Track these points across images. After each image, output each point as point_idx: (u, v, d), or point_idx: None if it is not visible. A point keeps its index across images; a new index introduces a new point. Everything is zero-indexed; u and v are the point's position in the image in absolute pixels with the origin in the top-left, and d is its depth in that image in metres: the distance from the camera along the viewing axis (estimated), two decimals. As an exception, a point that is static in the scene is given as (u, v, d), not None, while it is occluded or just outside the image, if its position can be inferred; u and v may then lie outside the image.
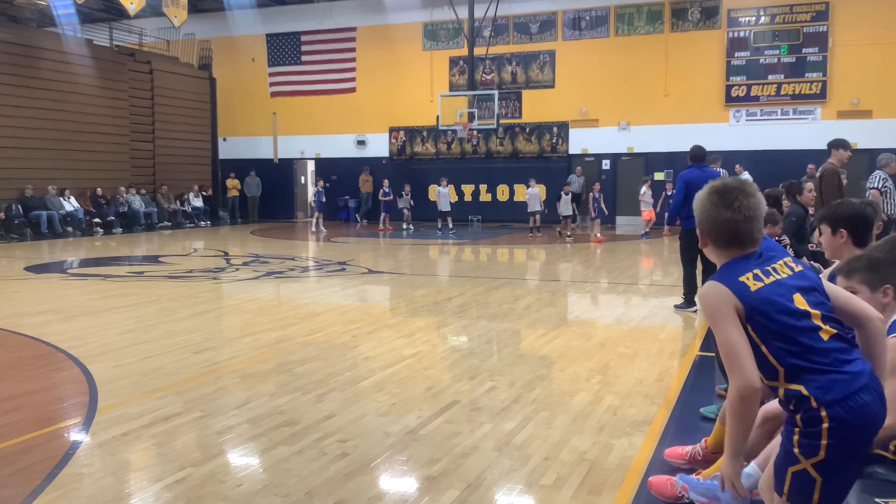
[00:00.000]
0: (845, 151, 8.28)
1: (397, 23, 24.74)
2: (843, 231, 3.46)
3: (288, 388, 5.26)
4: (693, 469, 3.66)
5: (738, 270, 2.35)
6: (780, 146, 20.32)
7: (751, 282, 2.32)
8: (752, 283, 2.31)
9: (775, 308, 2.27)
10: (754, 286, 2.30)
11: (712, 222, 2.44)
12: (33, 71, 19.93)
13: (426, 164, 24.91)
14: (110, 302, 9.21)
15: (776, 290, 2.31)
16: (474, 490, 3.54)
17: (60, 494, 3.51)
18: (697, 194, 2.53)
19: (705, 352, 6.40)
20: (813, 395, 2.20)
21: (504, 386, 5.30)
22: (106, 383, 5.41)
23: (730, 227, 2.39)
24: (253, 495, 3.49)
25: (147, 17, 24.12)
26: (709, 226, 2.46)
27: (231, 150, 27.23)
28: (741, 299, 2.28)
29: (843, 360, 2.26)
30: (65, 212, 19.97)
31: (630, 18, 22.44)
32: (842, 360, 2.25)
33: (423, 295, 9.74)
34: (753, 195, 2.41)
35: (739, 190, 2.40)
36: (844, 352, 2.29)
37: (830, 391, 2.19)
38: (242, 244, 17.96)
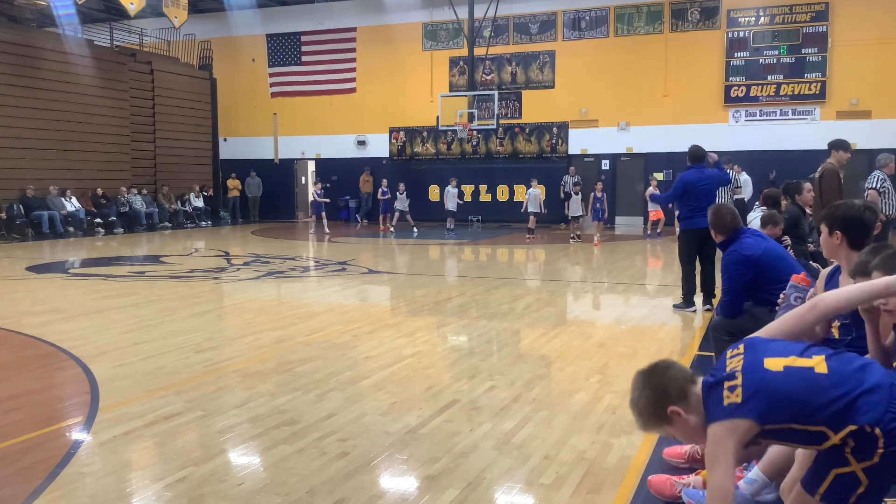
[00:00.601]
0: (845, 153, 8.29)
1: (397, 23, 24.76)
2: (839, 233, 3.47)
3: (288, 388, 5.28)
4: (693, 468, 3.68)
5: (717, 394, 2.33)
6: (779, 146, 20.34)
7: (732, 397, 2.29)
8: (734, 397, 2.29)
9: (770, 395, 2.26)
10: (738, 398, 2.28)
11: (669, 387, 2.46)
12: (34, 71, 19.95)
13: (426, 165, 24.93)
14: (111, 302, 9.23)
15: (754, 382, 2.29)
16: (474, 489, 3.56)
17: (62, 493, 3.53)
18: (643, 404, 2.50)
19: (704, 351, 6.42)
20: (863, 423, 2.20)
21: (504, 385, 5.32)
22: (107, 383, 5.43)
23: (672, 388, 2.43)
24: (254, 494, 3.51)
25: (147, 18, 24.13)
26: (671, 393, 2.46)
27: (232, 151, 27.25)
28: (743, 416, 2.26)
29: (855, 376, 2.26)
30: (66, 212, 19.99)
31: (630, 19, 22.46)
32: (854, 376, 2.26)
33: (424, 295, 9.76)
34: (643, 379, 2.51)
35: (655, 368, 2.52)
36: (846, 362, 2.30)
37: (872, 410, 2.19)
38: (243, 244, 17.98)
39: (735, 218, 5.03)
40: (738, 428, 2.27)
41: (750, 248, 4.76)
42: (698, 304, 8.42)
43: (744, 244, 4.82)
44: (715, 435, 2.30)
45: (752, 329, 4.53)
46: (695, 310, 8.34)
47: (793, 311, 2.64)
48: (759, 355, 2.37)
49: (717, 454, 2.27)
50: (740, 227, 5.02)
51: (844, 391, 2.24)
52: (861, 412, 2.21)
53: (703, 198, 8.36)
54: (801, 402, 2.25)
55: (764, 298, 4.46)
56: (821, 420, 2.24)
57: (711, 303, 8.31)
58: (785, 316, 2.68)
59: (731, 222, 4.99)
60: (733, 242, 4.91)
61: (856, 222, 3.44)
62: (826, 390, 2.25)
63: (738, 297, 4.74)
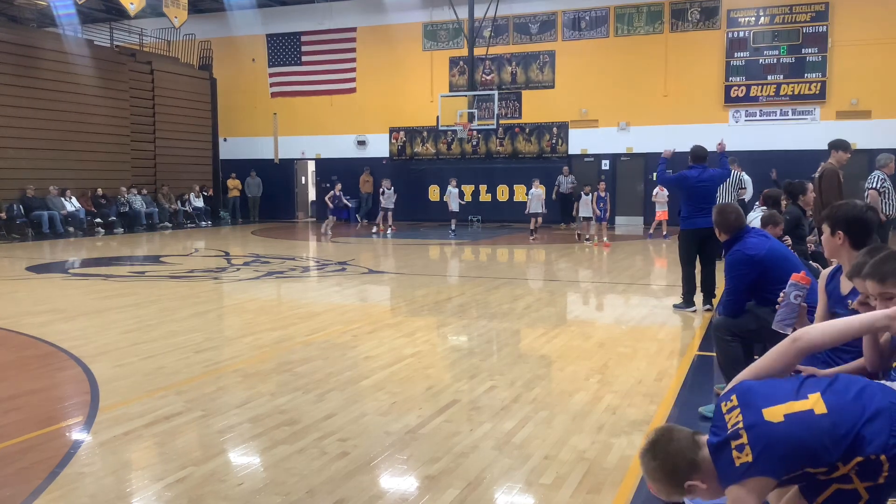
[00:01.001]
0: (845, 153, 8.29)
1: (397, 23, 24.76)
2: (841, 233, 3.47)
3: (288, 388, 5.28)
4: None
5: (726, 457, 2.31)
6: (779, 146, 20.34)
7: (743, 457, 2.26)
8: (744, 457, 2.26)
9: (779, 448, 2.25)
10: (749, 457, 2.26)
11: (676, 464, 2.42)
12: (34, 71, 19.95)
13: (426, 165, 24.93)
14: (111, 302, 9.23)
15: (757, 437, 2.26)
16: (474, 489, 3.56)
17: (62, 493, 3.53)
18: (651, 474, 2.49)
19: (704, 351, 6.42)
20: (869, 454, 2.20)
21: (504, 385, 5.32)
22: (107, 383, 5.43)
23: (679, 450, 2.40)
24: (254, 494, 3.51)
25: (147, 18, 24.13)
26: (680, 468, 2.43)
27: (232, 151, 27.25)
28: (760, 475, 2.24)
29: (855, 407, 2.26)
30: (66, 212, 19.99)
31: (630, 19, 22.46)
32: (854, 407, 2.25)
33: (424, 295, 9.76)
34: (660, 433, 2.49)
35: (661, 433, 2.48)
36: (842, 392, 2.29)
37: (876, 438, 2.19)
38: (243, 244, 17.98)
39: (740, 217, 5.00)
40: (756, 485, 2.26)
41: (754, 247, 4.74)
42: (698, 304, 8.42)
43: (748, 244, 4.80)
44: (737, 497, 2.28)
45: (754, 329, 4.57)
46: (695, 310, 8.34)
47: (776, 347, 2.62)
48: (756, 406, 2.33)
49: None
50: (745, 226, 4.99)
51: (849, 427, 2.23)
52: (867, 443, 2.20)
53: (704, 198, 8.36)
54: (809, 449, 2.24)
55: (766, 298, 4.45)
56: (830, 459, 2.24)
57: (711, 303, 8.31)
58: (769, 353, 2.66)
59: (735, 221, 4.97)
60: (737, 242, 4.89)
61: (858, 223, 3.45)
62: (830, 431, 2.24)
63: (741, 297, 4.74)
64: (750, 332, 4.63)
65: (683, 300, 8.49)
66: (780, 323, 3.59)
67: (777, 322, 3.61)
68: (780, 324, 3.60)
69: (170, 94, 24.32)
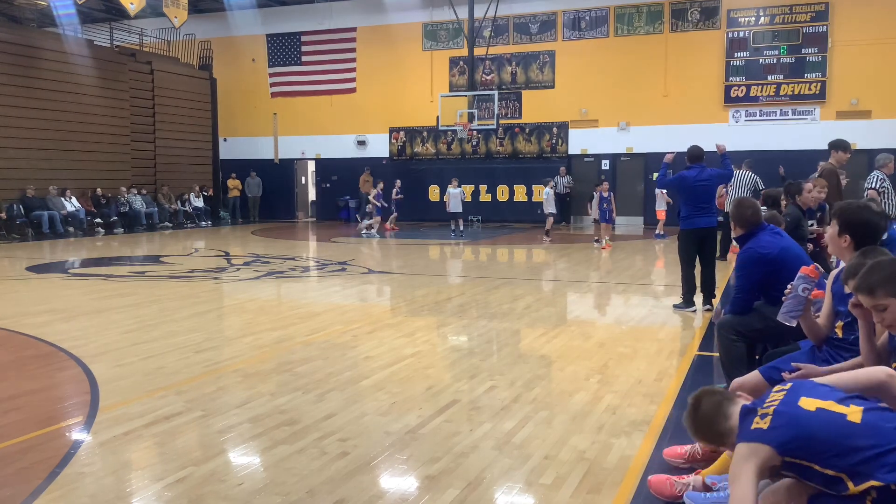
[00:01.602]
0: (844, 153, 8.29)
1: (397, 23, 24.77)
2: (847, 237, 3.48)
3: (288, 388, 5.28)
4: (693, 468, 3.68)
5: (748, 422, 2.46)
6: (779, 146, 20.32)
7: (761, 423, 2.39)
8: (763, 424, 2.38)
9: (795, 428, 2.32)
10: (765, 424, 2.38)
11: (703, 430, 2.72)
12: (34, 71, 19.95)
13: (426, 165, 24.94)
14: (111, 302, 9.23)
15: (785, 413, 2.38)
16: (474, 489, 3.56)
17: (62, 493, 3.53)
18: (686, 428, 2.77)
19: (704, 351, 6.42)
20: (889, 482, 2.18)
21: (504, 385, 5.32)
22: (107, 383, 5.43)
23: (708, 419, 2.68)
24: (254, 494, 3.51)
25: (147, 18, 24.14)
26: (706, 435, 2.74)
27: (232, 151, 27.26)
28: (765, 442, 2.34)
29: (888, 433, 2.26)
30: (66, 212, 20.00)
31: (630, 19, 22.46)
32: (891, 434, 2.26)
33: (424, 295, 9.76)
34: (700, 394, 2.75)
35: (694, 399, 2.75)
36: (886, 419, 2.30)
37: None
38: (243, 244, 17.98)
39: (756, 213, 4.92)
40: (758, 452, 2.35)
41: (767, 246, 4.70)
42: (698, 304, 8.42)
43: (761, 241, 4.75)
44: (738, 453, 2.40)
45: (759, 328, 4.56)
46: (695, 310, 8.34)
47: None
48: (798, 394, 2.44)
49: (738, 473, 2.36)
50: (761, 222, 4.93)
51: (873, 443, 2.24)
52: (887, 468, 2.19)
53: (703, 197, 8.36)
54: (822, 444, 2.27)
55: (775, 297, 4.43)
56: (840, 467, 2.24)
57: (711, 303, 8.31)
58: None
59: (751, 217, 4.89)
60: (751, 238, 4.84)
61: (867, 227, 3.45)
62: (852, 438, 2.26)
63: (750, 296, 4.70)
64: (755, 332, 4.60)
65: (683, 300, 8.49)
66: (786, 315, 3.59)
67: (782, 314, 3.61)
68: (785, 315, 3.60)
69: (170, 94, 24.32)
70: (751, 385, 3.65)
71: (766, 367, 3.68)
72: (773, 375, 3.55)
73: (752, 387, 3.65)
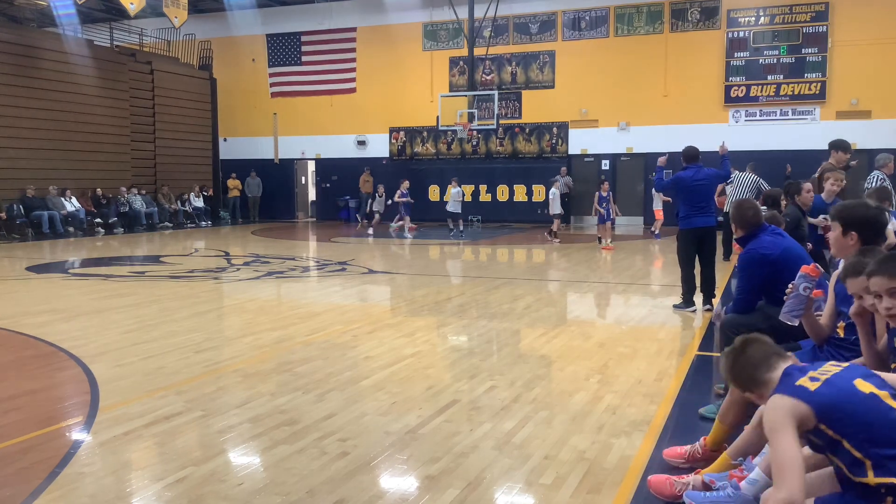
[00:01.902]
0: (844, 154, 8.29)
1: (397, 23, 24.77)
2: (854, 234, 3.48)
3: (288, 388, 5.28)
4: (693, 468, 3.68)
5: (795, 377, 2.42)
6: (779, 146, 20.33)
7: (808, 384, 2.36)
8: (811, 384, 2.35)
9: (842, 400, 2.30)
10: (813, 386, 2.35)
11: (742, 373, 2.67)
12: (34, 71, 19.96)
13: (426, 165, 24.94)
14: (111, 302, 9.23)
15: (836, 384, 2.35)
16: (474, 489, 3.56)
17: (62, 493, 3.53)
18: (721, 364, 2.75)
19: (704, 351, 6.42)
20: None
21: (504, 385, 5.32)
22: (107, 383, 5.43)
23: (761, 356, 2.64)
24: (254, 494, 3.51)
25: (147, 18, 24.14)
26: (743, 379, 2.68)
27: (232, 151, 27.26)
28: (807, 402, 2.31)
29: None
30: (66, 212, 20.00)
31: (630, 19, 22.47)
32: None
33: (424, 295, 9.76)
34: (752, 338, 2.73)
35: (744, 341, 2.71)
36: None
37: None
38: (243, 244, 17.98)
39: (757, 214, 4.92)
40: (797, 409, 2.31)
41: (769, 247, 4.69)
42: (698, 304, 8.42)
43: (763, 242, 4.74)
44: (776, 405, 2.36)
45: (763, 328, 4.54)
46: (695, 310, 8.34)
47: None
48: (855, 374, 2.42)
49: (778, 425, 2.31)
50: (762, 223, 4.92)
51: None
52: None
53: (700, 197, 8.35)
54: (862, 426, 2.27)
55: (777, 298, 4.43)
56: (869, 453, 2.24)
57: (711, 303, 8.31)
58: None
59: (752, 218, 4.88)
60: (753, 239, 4.83)
61: (872, 224, 3.45)
62: (893, 432, 2.25)
63: (751, 296, 4.71)
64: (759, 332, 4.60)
65: (683, 300, 8.49)
66: (788, 314, 3.60)
67: (784, 313, 3.61)
68: (787, 315, 3.61)
69: (170, 94, 24.32)
70: None
71: None
72: None
73: None
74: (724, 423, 3.74)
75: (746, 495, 3.10)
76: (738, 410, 3.70)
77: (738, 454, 3.37)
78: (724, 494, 3.16)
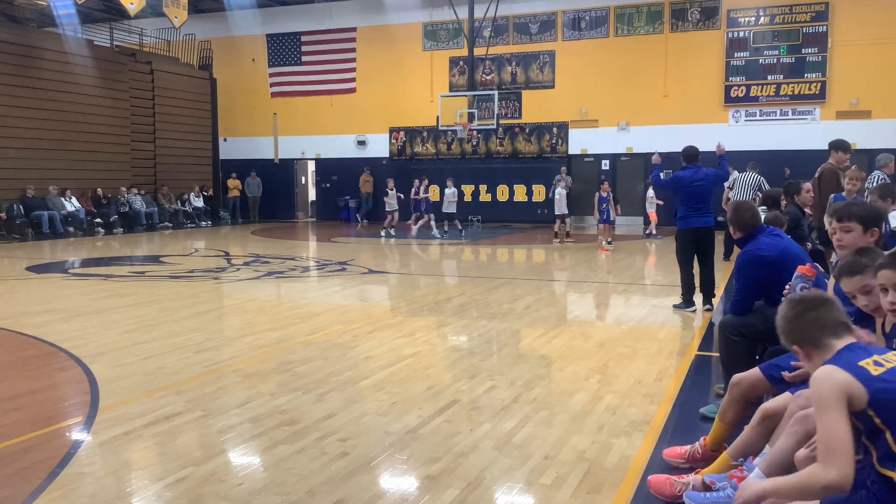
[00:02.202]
0: (844, 154, 8.29)
1: (397, 23, 24.77)
2: (876, 230, 3.53)
3: (288, 388, 5.28)
4: (693, 467, 3.68)
5: (858, 356, 2.31)
6: (779, 146, 20.33)
7: (871, 367, 2.26)
8: (874, 368, 2.25)
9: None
10: (876, 370, 2.24)
11: (805, 325, 2.46)
12: (34, 71, 19.95)
13: (426, 165, 24.92)
14: (111, 302, 9.23)
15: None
16: (474, 489, 3.56)
17: (62, 493, 3.53)
18: (777, 318, 2.55)
19: (704, 351, 6.42)
20: None
21: (504, 385, 5.32)
22: (107, 383, 5.43)
23: (822, 321, 2.43)
24: (254, 494, 3.51)
25: (147, 18, 24.13)
26: (803, 330, 2.47)
27: (232, 151, 27.26)
28: (864, 385, 2.22)
29: None
30: (66, 212, 20.00)
31: (630, 19, 22.46)
32: None
33: (424, 295, 9.76)
34: (829, 298, 2.52)
35: (819, 298, 2.50)
36: None
37: None
38: (243, 244, 17.98)
39: (755, 215, 4.93)
40: (851, 386, 2.22)
41: (766, 248, 4.69)
42: (698, 304, 8.42)
43: (760, 244, 4.74)
44: (830, 376, 2.26)
45: (762, 329, 4.56)
46: (695, 310, 8.34)
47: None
48: None
49: (829, 398, 2.22)
50: (760, 224, 4.93)
51: None
52: None
53: (699, 197, 8.35)
54: None
55: (776, 299, 4.43)
56: None
57: (711, 303, 8.31)
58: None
59: (750, 219, 4.89)
60: (751, 240, 4.84)
61: (881, 217, 3.52)
62: None
63: (749, 297, 4.71)
64: (757, 333, 4.60)
65: (683, 300, 8.49)
66: None
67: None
68: None
69: (170, 94, 24.32)
70: (750, 381, 3.66)
71: (766, 365, 3.69)
72: (774, 373, 3.56)
73: (751, 383, 3.66)
74: (724, 422, 3.75)
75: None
76: (738, 409, 3.70)
77: (739, 454, 3.37)
78: (724, 495, 3.16)
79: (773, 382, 3.56)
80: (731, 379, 3.76)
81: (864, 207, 3.67)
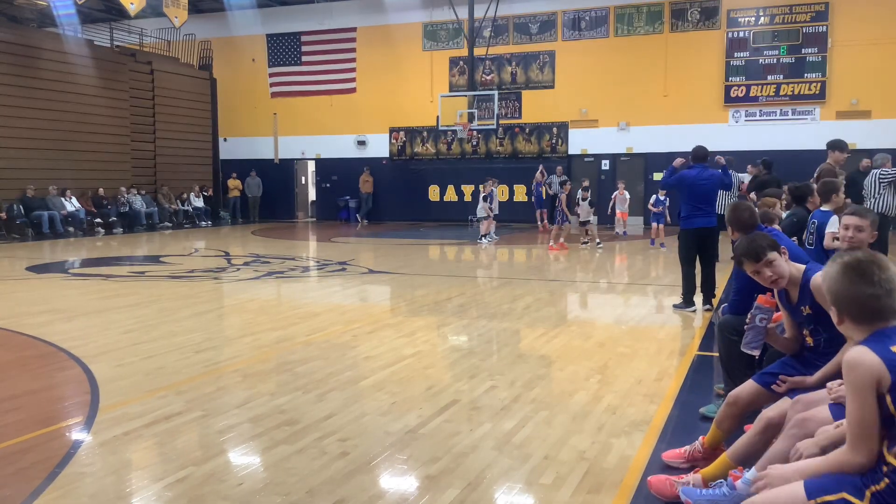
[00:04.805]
0: (841, 154, 8.31)
1: (397, 23, 24.77)
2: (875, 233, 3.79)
3: (288, 388, 5.28)
4: (692, 467, 3.68)
5: (891, 340, 2.28)
6: (779, 146, 20.30)
7: None
8: None
9: None
10: None
11: (852, 299, 2.36)
12: (34, 71, 19.95)
13: (426, 165, 24.94)
14: (111, 302, 9.23)
15: None
16: (474, 489, 3.56)
17: (62, 494, 3.53)
18: (830, 271, 2.45)
19: (704, 351, 6.42)
20: None
21: (504, 385, 5.32)
22: (107, 383, 5.43)
23: (872, 303, 2.33)
24: (254, 494, 3.51)
25: (147, 18, 24.13)
26: (848, 303, 2.38)
27: (232, 151, 27.26)
28: (891, 371, 2.20)
29: None
30: (66, 212, 20.00)
31: (630, 19, 22.46)
32: None
33: (423, 295, 9.76)
34: (889, 268, 2.37)
35: (876, 264, 2.36)
36: None
37: None
38: (243, 244, 17.98)
39: (753, 216, 4.93)
40: (880, 372, 2.19)
41: None
42: (698, 304, 8.42)
43: None
44: (868, 360, 2.22)
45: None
46: (695, 310, 8.34)
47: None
48: None
49: (864, 382, 2.20)
50: (758, 225, 4.93)
51: None
52: None
53: (702, 198, 8.36)
54: None
55: None
56: None
57: (711, 303, 8.31)
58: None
59: (748, 220, 4.88)
60: None
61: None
62: None
63: (748, 297, 4.71)
64: None
65: (683, 300, 8.49)
66: (748, 346, 3.69)
67: (745, 344, 3.70)
68: (747, 346, 3.70)
69: (170, 94, 24.32)
70: (747, 396, 3.66)
71: (759, 375, 3.70)
72: (768, 381, 3.58)
73: (749, 398, 3.66)
74: (721, 430, 3.75)
75: (741, 495, 3.10)
76: (735, 421, 3.71)
77: (740, 460, 3.34)
78: (720, 492, 3.16)
79: (770, 391, 3.58)
80: (728, 397, 3.77)
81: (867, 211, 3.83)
